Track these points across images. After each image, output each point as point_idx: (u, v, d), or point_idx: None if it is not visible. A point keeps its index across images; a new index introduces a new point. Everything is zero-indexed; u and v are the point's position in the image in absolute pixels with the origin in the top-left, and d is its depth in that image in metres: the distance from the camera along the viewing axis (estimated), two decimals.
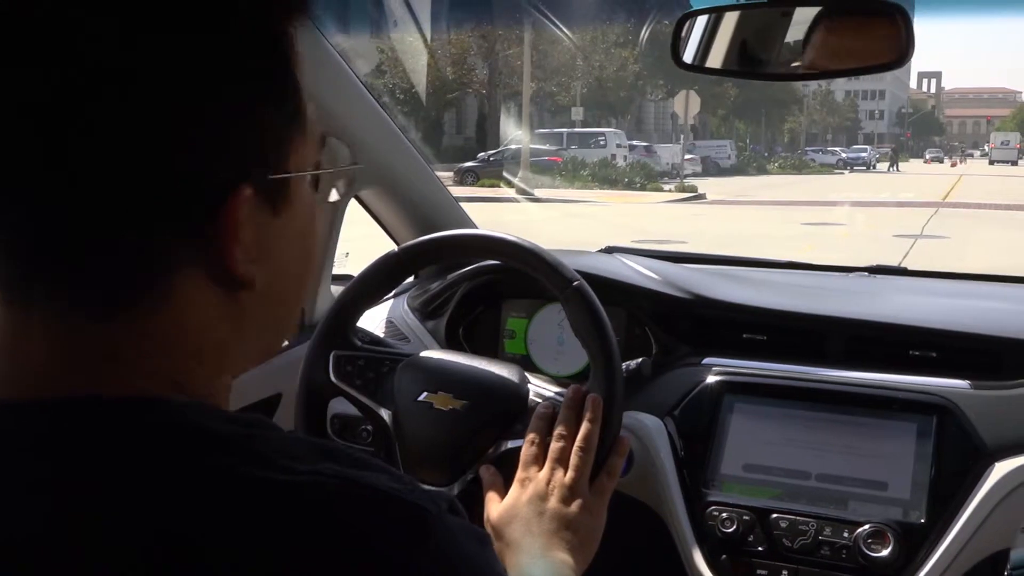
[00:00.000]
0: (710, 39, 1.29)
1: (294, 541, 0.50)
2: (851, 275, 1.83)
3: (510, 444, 1.20)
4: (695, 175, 31.58)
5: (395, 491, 0.55)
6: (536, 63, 29.87)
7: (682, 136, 33.74)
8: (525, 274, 1.30)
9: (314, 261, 0.69)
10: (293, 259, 0.63)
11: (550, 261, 1.25)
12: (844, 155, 51.96)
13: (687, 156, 34.38)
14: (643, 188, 24.10)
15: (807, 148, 58.74)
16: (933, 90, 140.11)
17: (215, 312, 0.58)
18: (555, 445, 1.08)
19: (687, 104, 25.26)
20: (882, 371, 1.42)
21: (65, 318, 0.54)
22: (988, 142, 69.90)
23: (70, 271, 0.54)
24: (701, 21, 1.30)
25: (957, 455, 1.31)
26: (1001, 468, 1.27)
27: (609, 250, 1.86)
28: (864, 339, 1.48)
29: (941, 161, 61.91)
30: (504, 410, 1.23)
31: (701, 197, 21.88)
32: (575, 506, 1.04)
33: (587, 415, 1.10)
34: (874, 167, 49.57)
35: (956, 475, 1.29)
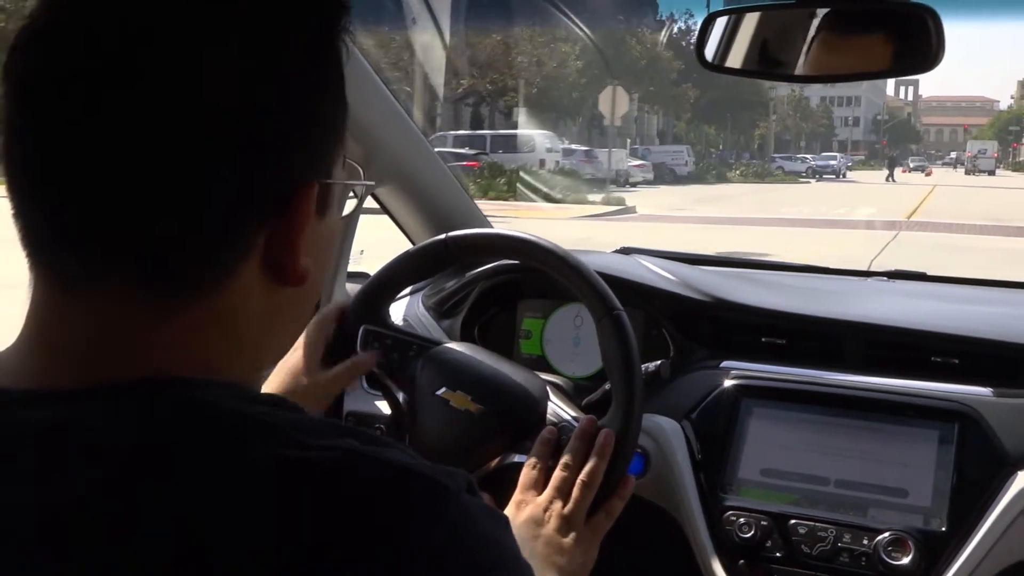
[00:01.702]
0: (731, 39, 1.27)
1: (309, 514, 0.51)
2: (869, 279, 1.83)
3: (516, 459, 1.18)
4: (645, 183, 29.59)
5: (413, 466, 0.56)
6: (470, 58, 27.69)
7: (628, 140, 31.80)
8: (542, 274, 1.27)
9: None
10: (323, 260, 0.68)
11: (595, 284, 1.22)
12: (813, 163, 49.76)
13: (637, 163, 32.20)
14: (564, 200, 20.90)
15: (775, 155, 56.22)
16: (911, 97, 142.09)
17: (260, 306, 0.61)
18: (559, 474, 1.07)
19: (614, 101, 21.95)
20: (903, 377, 1.41)
21: (130, 306, 0.56)
22: (965, 150, 70.14)
23: (146, 260, 0.56)
24: (726, 21, 1.28)
25: (979, 463, 1.30)
26: None
27: (626, 251, 1.85)
28: (884, 344, 1.47)
29: (923, 170, 59.00)
30: (518, 424, 1.21)
31: (630, 211, 19.21)
32: (570, 537, 1.03)
33: (597, 450, 1.09)
34: (844, 175, 47.98)
35: (978, 483, 1.28)
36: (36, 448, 0.53)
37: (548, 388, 1.27)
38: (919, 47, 1.15)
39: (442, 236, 1.30)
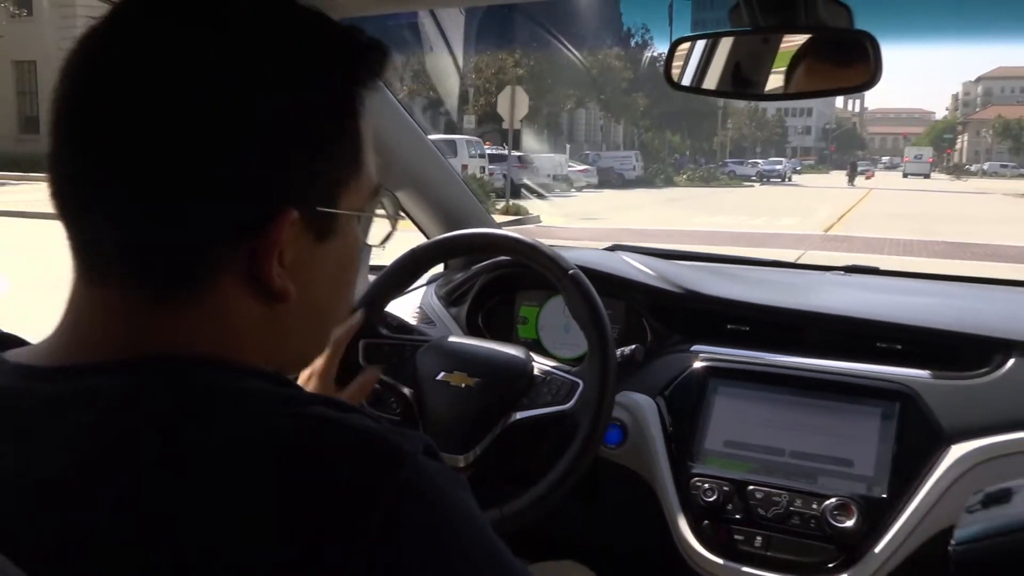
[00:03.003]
0: (706, 62, 1.32)
1: (274, 477, 0.52)
2: (828, 273, 1.88)
3: (519, 415, 1.29)
4: (589, 187, 28.20)
5: (373, 430, 0.57)
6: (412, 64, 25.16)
7: (568, 145, 29.10)
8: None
9: (350, 289, 0.73)
10: (331, 284, 0.68)
11: (548, 253, 1.33)
12: (762, 167, 47.63)
13: (581, 167, 30.22)
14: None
15: (727, 160, 54.28)
16: (857, 109, 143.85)
17: (257, 317, 0.62)
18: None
19: (512, 104, 18.73)
20: (852, 360, 1.47)
21: (131, 299, 0.59)
22: (903, 156, 70.20)
23: (139, 262, 0.59)
24: (696, 45, 1.33)
25: (917, 437, 1.35)
26: (956, 451, 1.31)
27: (614, 248, 1.92)
28: (836, 331, 1.52)
29: (865, 173, 55.24)
30: (513, 386, 1.31)
31: (532, 221, 16.82)
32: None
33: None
34: (789, 179, 46.61)
35: (916, 455, 1.33)
36: (47, 417, 0.56)
37: (530, 352, 1.37)
38: (860, 68, 1.21)
39: (410, 249, 1.40)
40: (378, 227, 0.76)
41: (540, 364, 1.35)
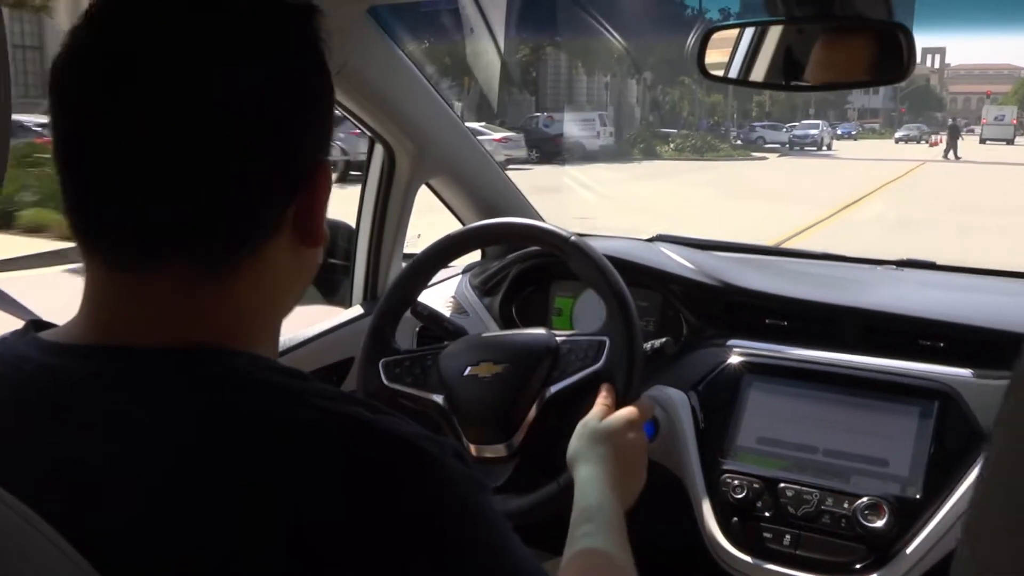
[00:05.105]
0: (733, 51, 1.33)
1: (312, 468, 0.56)
2: (879, 268, 1.84)
3: (553, 389, 1.28)
4: (512, 163, 17.57)
5: (403, 433, 0.59)
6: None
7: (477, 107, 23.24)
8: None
9: None
10: (323, 221, 0.72)
11: (544, 227, 1.36)
12: (795, 132, 38.89)
13: (498, 135, 19.49)
14: None
15: (755, 124, 44.52)
16: (937, 65, 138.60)
17: (287, 267, 0.67)
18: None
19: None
20: (891, 358, 1.45)
21: (174, 282, 0.62)
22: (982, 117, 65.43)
23: (186, 246, 0.61)
24: (743, 35, 1.35)
25: (956, 438, 1.33)
26: None
27: (654, 238, 1.92)
28: (877, 328, 1.50)
29: (917, 140, 44.01)
30: (541, 362, 1.31)
31: None
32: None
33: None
34: (828, 147, 37.52)
35: (953, 456, 1.31)
36: (87, 397, 0.59)
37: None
38: (894, 59, 1.22)
39: (420, 252, 1.43)
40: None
41: (561, 335, 1.35)
